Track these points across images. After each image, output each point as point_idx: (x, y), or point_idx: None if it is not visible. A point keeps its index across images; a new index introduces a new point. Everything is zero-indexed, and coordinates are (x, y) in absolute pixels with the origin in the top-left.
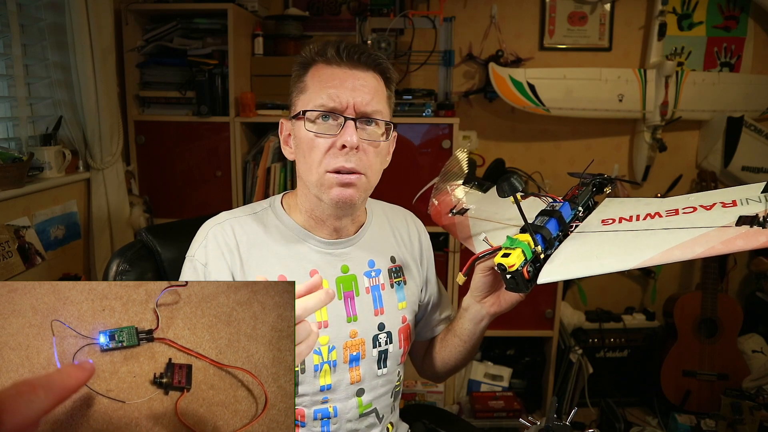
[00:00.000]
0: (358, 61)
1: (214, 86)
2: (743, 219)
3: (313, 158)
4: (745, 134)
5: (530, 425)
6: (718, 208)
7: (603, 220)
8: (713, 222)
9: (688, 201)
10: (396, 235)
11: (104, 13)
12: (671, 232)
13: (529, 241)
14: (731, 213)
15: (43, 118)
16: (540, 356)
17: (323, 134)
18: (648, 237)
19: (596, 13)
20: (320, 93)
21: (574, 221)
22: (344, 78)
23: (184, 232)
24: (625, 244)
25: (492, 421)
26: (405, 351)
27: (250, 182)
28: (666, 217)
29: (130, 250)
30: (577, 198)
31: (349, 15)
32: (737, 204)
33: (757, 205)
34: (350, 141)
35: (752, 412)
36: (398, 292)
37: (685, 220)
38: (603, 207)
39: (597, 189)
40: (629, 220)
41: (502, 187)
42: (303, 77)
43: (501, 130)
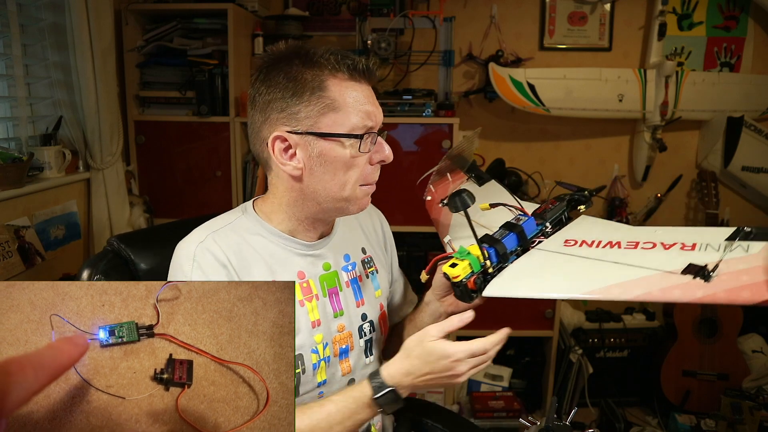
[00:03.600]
0: (371, 75)
1: (214, 86)
2: (690, 267)
3: (350, 176)
4: (745, 134)
5: (530, 425)
6: (675, 249)
7: (566, 241)
8: (662, 265)
9: (653, 235)
10: (362, 227)
11: (104, 13)
12: (620, 268)
13: (479, 255)
14: (684, 257)
15: (43, 118)
16: (540, 356)
17: (364, 153)
18: (596, 269)
19: (596, 13)
20: (357, 113)
21: (539, 236)
22: (369, 95)
23: (159, 240)
24: (574, 272)
25: (492, 421)
26: (385, 337)
27: (250, 182)
28: (624, 249)
29: (101, 261)
30: (546, 213)
31: (349, 15)
32: (695, 248)
33: (712, 254)
34: (389, 156)
35: (752, 412)
36: (373, 281)
37: (638, 256)
38: (574, 225)
39: (572, 206)
40: (589, 245)
41: (454, 202)
42: (324, 93)
43: (501, 130)
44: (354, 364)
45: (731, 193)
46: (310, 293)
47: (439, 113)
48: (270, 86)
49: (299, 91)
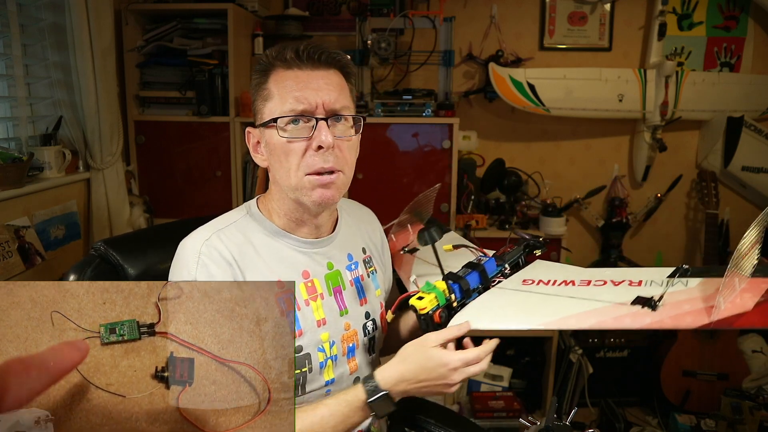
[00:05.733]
0: (318, 60)
1: (214, 86)
2: (639, 299)
3: (291, 163)
4: (745, 134)
5: (530, 425)
6: (624, 285)
7: (524, 280)
8: (612, 298)
9: (603, 274)
10: (362, 228)
11: (104, 13)
12: (575, 301)
13: (444, 289)
14: (633, 292)
15: (43, 118)
16: (540, 356)
17: (297, 138)
18: (552, 303)
19: (596, 13)
20: (287, 97)
21: (499, 276)
22: (308, 79)
23: (147, 244)
24: (532, 306)
25: (492, 421)
26: (385, 335)
27: (250, 182)
28: (578, 286)
29: (88, 266)
30: (505, 256)
31: (349, 15)
32: (642, 284)
33: (657, 288)
34: (326, 141)
35: (752, 412)
36: (374, 281)
37: (591, 292)
38: (530, 267)
39: (528, 250)
40: (546, 284)
41: (423, 236)
42: (265, 84)
43: (501, 130)
44: (360, 363)
45: (731, 193)
46: (314, 292)
47: (439, 113)
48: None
49: (255, 89)
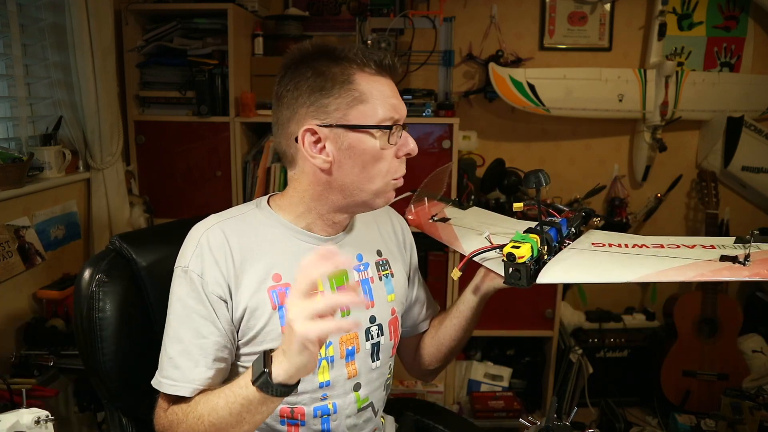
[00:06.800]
0: (395, 72)
1: (214, 86)
2: (725, 257)
3: (379, 168)
4: (745, 134)
5: (530, 425)
6: (698, 248)
7: (594, 243)
8: (698, 257)
9: (672, 240)
10: (380, 230)
11: (104, 13)
12: (661, 259)
13: (537, 240)
14: (712, 253)
15: (43, 118)
16: (540, 356)
17: (391, 145)
18: (639, 260)
19: (596, 13)
20: (385, 104)
21: (568, 239)
22: (394, 89)
23: (158, 238)
24: (621, 261)
25: (492, 421)
26: (395, 343)
27: (250, 182)
28: (653, 248)
29: (103, 260)
30: (571, 219)
31: (349, 15)
32: (716, 247)
33: (734, 250)
34: (415, 149)
35: (752, 412)
36: (386, 285)
37: (671, 252)
38: (590, 234)
39: (585, 218)
40: (618, 246)
41: (530, 179)
42: (352, 86)
43: (501, 130)
44: (360, 368)
45: (731, 193)
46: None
47: (439, 113)
48: (298, 82)
49: (328, 85)
